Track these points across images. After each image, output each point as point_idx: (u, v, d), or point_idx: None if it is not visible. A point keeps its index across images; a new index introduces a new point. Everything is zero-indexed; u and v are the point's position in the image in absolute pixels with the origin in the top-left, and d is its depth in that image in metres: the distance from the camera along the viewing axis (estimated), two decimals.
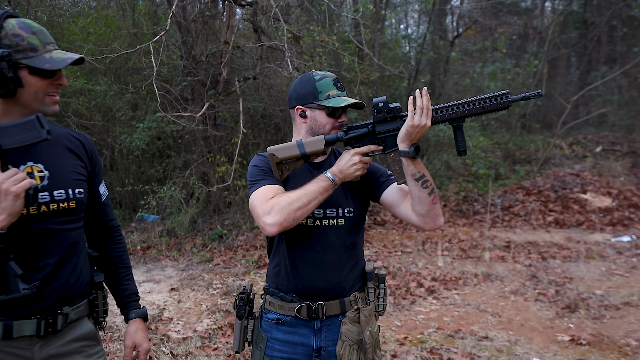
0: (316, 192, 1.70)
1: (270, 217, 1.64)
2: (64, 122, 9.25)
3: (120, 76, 10.02)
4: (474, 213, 9.53)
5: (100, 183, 1.85)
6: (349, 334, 1.83)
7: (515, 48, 17.52)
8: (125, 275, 1.92)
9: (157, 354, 4.03)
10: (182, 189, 8.34)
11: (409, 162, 1.73)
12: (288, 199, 1.67)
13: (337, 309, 1.87)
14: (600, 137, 13.11)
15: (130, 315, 1.90)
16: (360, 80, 8.52)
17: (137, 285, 1.98)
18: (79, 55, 1.58)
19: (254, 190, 1.77)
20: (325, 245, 1.84)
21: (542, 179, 10.69)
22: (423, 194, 1.73)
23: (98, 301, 1.80)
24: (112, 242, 1.91)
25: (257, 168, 1.85)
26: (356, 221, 1.89)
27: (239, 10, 9.00)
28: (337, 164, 1.79)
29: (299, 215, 1.66)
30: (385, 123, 1.83)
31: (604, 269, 6.39)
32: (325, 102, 1.83)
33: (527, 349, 4.15)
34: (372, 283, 1.97)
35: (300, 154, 1.82)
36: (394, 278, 6.07)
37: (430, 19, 13.08)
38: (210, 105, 8.12)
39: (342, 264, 1.87)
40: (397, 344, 4.24)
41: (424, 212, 1.75)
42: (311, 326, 1.87)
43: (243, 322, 1.95)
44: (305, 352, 1.88)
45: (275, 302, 1.89)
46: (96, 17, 10.31)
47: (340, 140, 1.86)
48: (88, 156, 1.77)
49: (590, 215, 9.03)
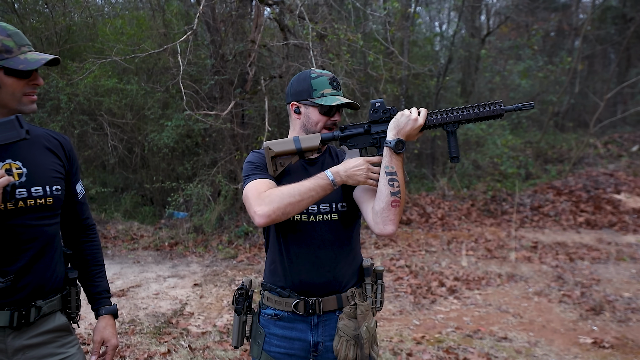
0: (311, 190, 1.70)
1: (260, 208, 1.65)
2: (97, 120, 9.52)
3: (153, 75, 10.24)
4: (502, 213, 9.38)
5: (78, 182, 1.90)
6: (345, 329, 1.84)
7: (550, 45, 17.15)
8: (97, 273, 1.97)
9: (175, 347, 4.12)
10: (209, 187, 8.47)
11: (389, 154, 1.73)
12: (280, 193, 1.69)
13: (334, 305, 1.89)
14: (637, 136, 12.71)
15: (101, 311, 1.94)
16: (386, 79, 8.49)
17: (156, 284, 2.03)
18: (53, 56, 1.63)
19: (248, 183, 1.80)
20: (320, 240, 1.86)
21: (574, 178, 10.43)
22: (385, 190, 1.70)
23: (71, 297, 1.84)
24: (86, 240, 1.96)
25: (252, 164, 1.88)
26: (350, 215, 1.90)
27: (266, 9, 9.08)
28: (343, 165, 1.77)
29: (289, 210, 1.67)
30: (381, 124, 1.85)
31: (635, 271, 6.21)
32: (319, 100, 1.85)
33: (546, 351, 4.07)
34: (370, 279, 1.98)
35: (295, 149, 1.85)
36: (416, 277, 6.04)
37: (460, 16, 12.91)
38: (237, 103, 8.23)
39: (338, 259, 1.88)
40: (414, 343, 4.22)
41: (379, 210, 1.72)
42: (308, 321, 1.89)
43: (241, 318, 1.98)
44: (303, 347, 1.90)
45: (273, 298, 1.92)
46: (128, 18, 10.55)
47: (336, 139, 1.88)
48: (66, 155, 1.83)
49: (623, 216, 8.77)
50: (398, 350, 4.04)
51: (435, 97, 12.41)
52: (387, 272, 6.30)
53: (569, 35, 16.57)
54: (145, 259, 7.16)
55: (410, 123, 1.73)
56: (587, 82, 16.11)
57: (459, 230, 8.55)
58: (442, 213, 9.24)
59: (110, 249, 7.64)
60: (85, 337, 4.28)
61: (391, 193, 1.70)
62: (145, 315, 4.91)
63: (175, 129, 8.57)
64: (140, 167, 10.60)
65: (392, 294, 5.50)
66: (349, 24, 8.16)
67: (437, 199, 9.90)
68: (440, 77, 11.81)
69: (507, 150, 10.26)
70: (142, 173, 10.56)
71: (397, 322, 4.75)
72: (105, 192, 9.67)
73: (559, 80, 12.33)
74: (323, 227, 1.86)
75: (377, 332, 4.38)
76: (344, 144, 1.89)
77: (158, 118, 9.32)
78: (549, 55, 14.11)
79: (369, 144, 1.86)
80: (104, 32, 9.63)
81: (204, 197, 8.41)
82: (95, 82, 8.81)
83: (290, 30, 8.26)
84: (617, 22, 15.45)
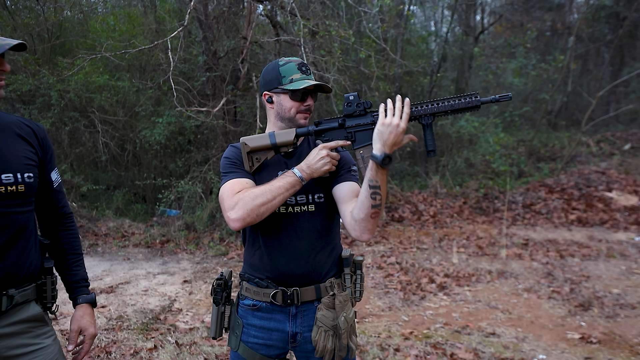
0: (281, 188, 1.71)
1: (234, 212, 1.67)
2: (88, 117, 9.47)
3: (145, 72, 10.20)
4: (494, 210, 9.39)
5: (53, 170, 1.87)
6: (324, 319, 1.83)
7: (543, 44, 17.18)
8: (75, 261, 1.94)
9: (162, 343, 4.09)
10: (201, 184, 8.44)
11: (374, 167, 1.69)
12: (252, 195, 1.68)
13: (312, 295, 1.87)
14: (630, 135, 12.75)
15: (78, 300, 1.91)
16: (379, 76, 8.48)
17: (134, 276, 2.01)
18: (17, 41, 1.61)
19: (224, 183, 1.80)
20: (298, 231, 1.84)
21: (567, 176, 10.46)
22: (367, 202, 1.69)
23: (47, 286, 1.81)
24: (63, 229, 1.93)
25: (228, 160, 1.87)
26: (328, 206, 1.89)
27: (258, 6, 9.05)
28: (305, 160, 1.78)
29: (262, 211, 1.68)
30: (355, 117, 1.83)
31: (624, 268, 6.22)
32: (288, 86, 1.83)
33: (534, 346, 4.07)
34: (349, 269, 1.96)
35: (270, 144, 1.84)
36: (406, 274, 6.03)
37: (453, 14, 12.92)
38: (229, 100, 8.20)
39: (317, 249, 1.87)
40: (402, 338, 4.21)
41: (358, 219, 1.72)
42: (287, 312, 1.88)
43: (220, 309, 1.97)
44: (281, 337, 1.88)
45: (252, 288, 1.90)
46: (120, 15, 10.51)
47: (310, 134, 1.87)
48: (39, 143, 1.80)
49: (614, 214, 8.80)
50: (386, 346, 4.03)
51: (428, 95, 12.42)
52: (378, 268, 6.29)
53: (562, 34, 16.62)
54: (136, 256, 7.13)
55: (393, 133, 1.65)
56: (580, 81, 16.16)
57: (450, 227, 8.55)
58: (434, 211, 9.24)
59: (100, 246, 7.60)
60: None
61: (372, 205, 1.69)
62: (133, 312, 4.88)
63: (166, 126, 8.54)
64: (132, 165, 10.56)
65: (382, 291, 5.49)
66: (341, 21, 8.14)
67: (429, 196, 9.90)
68: (434, 75, 11.81)
69: (499, 148, 10.28)
70: (134, 170, 10.52)
71: (386, 318, 4.74)
72: (97, 190, 9.63)
73: (552, 78, 12.36)
74: (301, 218, 1.85)
75: (366, 328, 4.36)
76: (318, 138, 1.88)
77: (150, 115, 9.28)
78: (542, 54, 14.14)
79: (344, 138, 1.84)
80: (96, 28, 9.59)
81: (196, 195, 8.38)
82: (87, 79, 8.76)
83: (282, 27, 8.25)
84: (610, 21, 15.50)
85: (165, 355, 3.87)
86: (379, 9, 8.51)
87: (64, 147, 9.46)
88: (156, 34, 9.43)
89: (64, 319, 4.53)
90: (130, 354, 3.89)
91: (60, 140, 9.33)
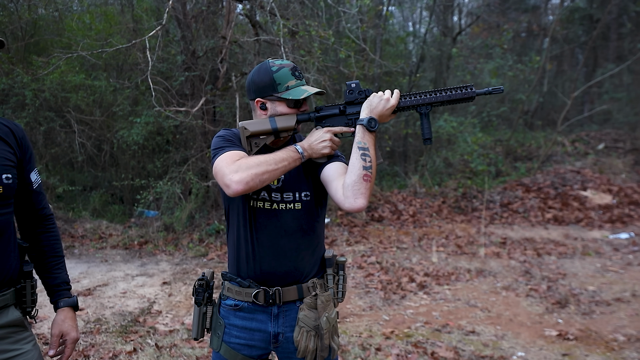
0: (284, 160, 1.71)
1: (237, 175, 1.62)
2: (64, 117, 9.32)
3: (122, 71, 10.07)
4: (472, 210, 9.49)
5: (32, 170, 1.83)
6: (306, 319, 1.82)
7: (520, 45, 17.43)
8: (56, 264, 1.90)
9: (141, 345, 4.05)
10: (180, 185, 8.36)
11: (362, 130, 1.74)
12: (256, 160, 1.67)
13: (294, 295, 1.87)
14: (603, 135, 13.01)
15: (60, 304, 1.87)
16: (358, 76, 8.50)
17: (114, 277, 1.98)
18: None
19: (220, 155, 1.74)
20: (282, 229, 1.84)
21: (543, 175, 10.62)
22: (358, 164, 1.69)
23: (26, 290, 1.77)
24: (43, 231, 1.89)
25: (222, 138, 1.83)
26: (314, 204, 1.89)
27: (238, 6, 9.01)
28: (307, 139, 1.81)
29: (265, 178, 1.65)
30: (356, 105, 1.86)
31: (599, 265, 6.34)
32: (285, 95, 1.80)
33: (513, 344, 4.12)
34: (332, 269, 1.96)
35: (271, 128, 1.82)
36: (387, 273, 6.06)
37: (431, 15, 13.02)
38: (208, 100, 8.14)
39: (300, 248, 1.86)
40: (383, 338, 4.23)
41: (350, 183, 1.68)
42: (269, 312, 1.87)
43: (202, 309, 1.95)
44: (263, 338, 1.88)
45: (233, 288, 1.89)
46: (97, 13, 10.36)
47: (311, 120, 1.88)
48: (18, 143, 1.76)
49: (589, 212, 8.96)
50: (367, 346, 4.04)
51: None
52: (358, 268, 6.31)
53: (538, 36, 16.88)
54: (114, 258, 7.04)
55: (382, 103, 1.77)
56: (555, 82, 16.42)
57: (430, 227, 8.62)
58: (414, 210, 9.30)
59: (77, 248, 7.48)
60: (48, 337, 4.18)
61: (363, 167, 1.69)
62: (112, 314, 4.81)
63: (144, 126, 8.44)
64: (110, 165, 10.42)
65: (363, 290, 5.51)
66: (321, 21, 8.14)
67: (408, 196, 9.96)
68: (413, 75, 11.89)
69: (477, 148, 10.39)
70: (111, 171, 10.38)
71: (367, 317, 4.75)
72: (74, 191, 9.47)
73: (528, 79, 12.53)
74: (286, 215, 1.84)
75: (347, 328, 4.37)
76: (319, 124, 1.89)
77: (127, 115, 9.16)
78: (518, 55, 14.33)
79: (344, 124, 1.86)
80: (71, 27, 9.43)
81: (175, 195, 8.30)
82: (62, 78, 8.62)
83: (262, 27, 8.22)
84: (584, 23, 15.78)
85: (145, 358, 3.83)
86: (358, 10, 8.52)
87: (39, 148, 9.29)
88: (134, 32, 9.31)
89: (40, 323, 4.45)
90: (109, 358, 3.83)
91: (35, 140, 9.15)
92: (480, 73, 12.30)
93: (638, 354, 3.89)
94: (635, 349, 3.99)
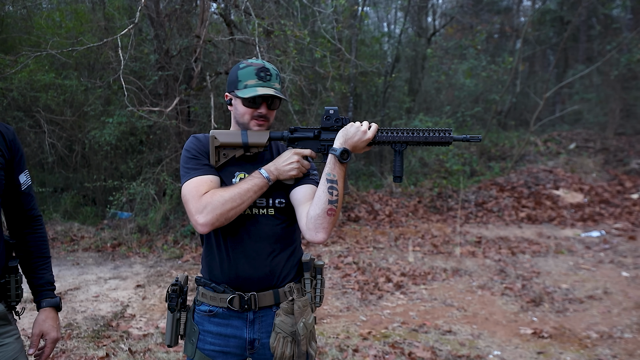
0: (250, 191, 1.71)
1: (202, 217, 1.65)
2: (33, 117, 9.09)
3: (94, 71, 9.87)
4: (447, 209, 9.56)
5: (22, 172, 1.85)
6: (282, 325, 1.79)
7: (493, 46, 17.65)
8: (41, 265, 1.92)
9: (114, 350, 3.96)
10: (154, 186, 8.23)
11: (333, 161, 1.73)
12: (221, 199, 1.66)
13: (270, 300, 1.83)
14: (574, 134, 13.25)
15: (42, 304, 1.89)
16: (334, 76, 8.49)
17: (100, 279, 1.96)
18: None
19: (187, 180, 1.75)
20: (256, 234, 1.80)
21: (516, 175, 10.76)
22: (324, 197, 1.69)
23: (10, 285, 1.79)
24: (31, 232, 1.91)
25: (189, 154, 1.81)
26: (289, 210, 1.85)
27: (212, 5, 8.91)
28: (274, 161, 1.79)
29: (231, 215, 1.68)
30: (332, 131, 1.83)
31: (572, 263, 6.44)
32: (239, 92, 1.80)
33: (489, 343, 4.15)
34: (309, 274, 1.93)
35: (242, 142, 1.81)
36: (363, 274, 6.05)
37: (406, 16, 13.08)
38: (182, 100, 8.03)
39: (275, 253, 1.83)
40: (360, 339, 4.22)
41: (314, 215, 1.69)
42: (244, 318, 1.82)
43: (175, 315, 1.90)
44: (238, 344, 1.83)
45: (208, 294, 1.85)
46: (67, 11, 10.14)
47: (284, 139, 1.86)
48: (7, 145, 1.78)
49: (562, 211, 9.11)
50: (344, 347, 4.02)
51: (383, 95, 12.54)
52: (335, 269, 6.29)
53: (510, 37, 17.12)
54: (86, 261, 6.89)
55: (358, 134, 1.74)
56: (528, 82, 16.67)
57: (406, 226, 8.65)
58: (390, 210, 9.33)
59: None
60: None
61: (329, 201, 1.69)
62: (84, 319, 4.70)
63: (117, 126, 8.28)
64: (81, 166, 10.20)
65: (340, 291, 5.49)
66: (296, 21, 8.10)
67: (385, 196, 9.99)
68: (388, 75, 11.93)
69: (452, 148, 10.48)
70: (83, 172, 10.16)
71: (344, 318, 4.73)
72: (44, 192, 9.25)
73: (501, 79, 12.70)
74: (260, 221, 1.81)
75: (324, 329, 4.34)
76: (291, 145, 1.87)
77: (99, 115, 8.98)
78: (492, 56, 14.51)
79: (317, 150, 1.84)
80: (40, 24, 9.21)
81: (149, 197, 8.16)
82: (31, 77, 8.39)
83: (237, 26, 8.14)
84: (555, 25, 16.07)
85: None
86: (334, 10, 8.51)
87: None
88: (105, 31, 9.13)
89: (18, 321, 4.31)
90: None
91: None
92: (454, 73, 12.42)
93: (611, 351, 3.96)
94: (608, 345, 4.06)
